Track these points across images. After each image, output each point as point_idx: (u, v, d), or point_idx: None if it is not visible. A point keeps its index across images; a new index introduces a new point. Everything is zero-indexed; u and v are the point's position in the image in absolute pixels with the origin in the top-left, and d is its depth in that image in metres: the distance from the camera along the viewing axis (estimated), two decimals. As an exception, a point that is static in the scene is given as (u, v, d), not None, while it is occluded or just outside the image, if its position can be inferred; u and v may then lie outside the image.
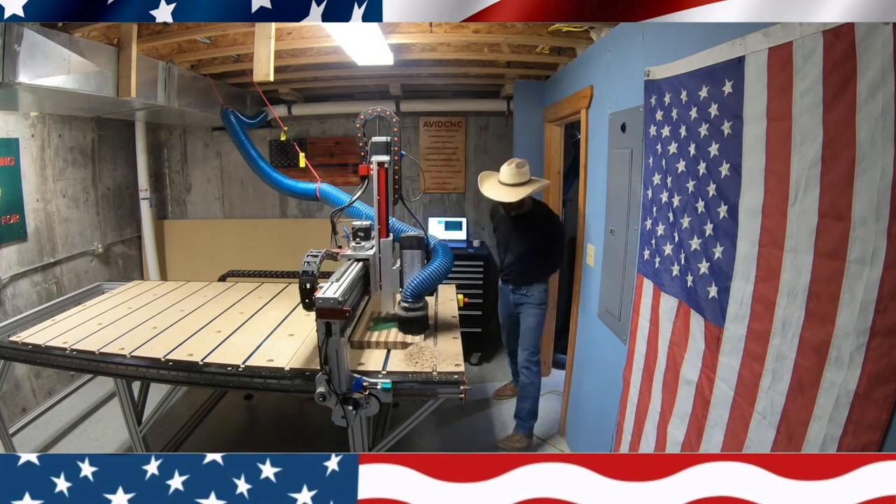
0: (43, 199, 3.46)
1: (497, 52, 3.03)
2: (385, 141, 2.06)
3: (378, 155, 2.05)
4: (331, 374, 1.71)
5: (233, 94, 3.92)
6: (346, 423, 1.76)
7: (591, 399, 2.64)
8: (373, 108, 2.16)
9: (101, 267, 4.06)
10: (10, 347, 2.25)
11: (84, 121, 3.85)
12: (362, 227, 2.12)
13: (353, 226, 2.13)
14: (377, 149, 2.06)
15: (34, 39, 2.07)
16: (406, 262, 2.20)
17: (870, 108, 0.93)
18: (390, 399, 1.80)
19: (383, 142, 2.06)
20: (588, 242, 2.73)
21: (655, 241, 1.81)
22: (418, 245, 2.19)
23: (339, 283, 1.81)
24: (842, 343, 1.01)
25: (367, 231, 2.13)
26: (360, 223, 2.13)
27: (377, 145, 2.07)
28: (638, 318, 1.97)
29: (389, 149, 2.07)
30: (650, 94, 1.83)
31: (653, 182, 1.82)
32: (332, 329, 1.67)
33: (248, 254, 4.55)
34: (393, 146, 2.09)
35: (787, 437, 1.15)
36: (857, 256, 0.97)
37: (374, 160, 2.04)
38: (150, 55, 2.90)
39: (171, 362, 2.00)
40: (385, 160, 2.04)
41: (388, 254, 2.09)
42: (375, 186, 2.05)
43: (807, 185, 1.09)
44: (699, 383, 1.52)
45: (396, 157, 2.12)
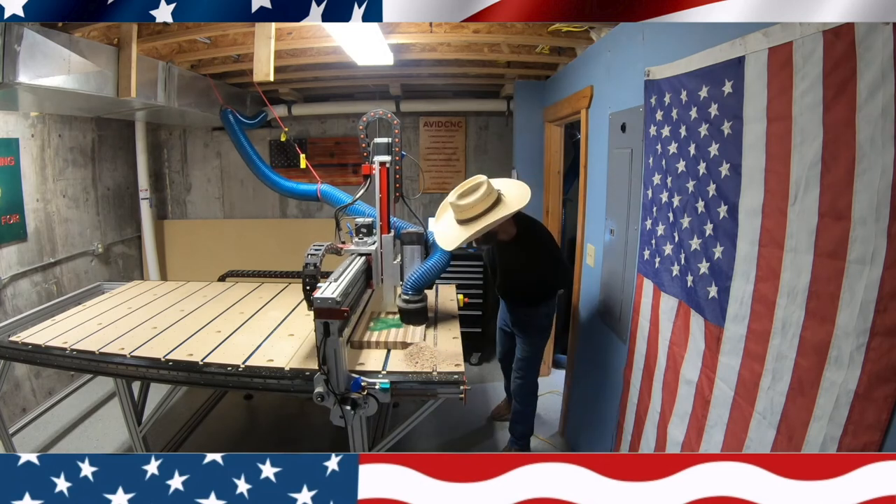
0: (43, 199, 3.46)
1: (497, 52, 3.03)
2: (387, 142, 2.14)
3: (380, 155, 2.13)
4: (329, 374, 1.72)
5: (233, 94, 3.92)
6: (345, 423, 1.77)
7: (591, 399, 2.64)
8: (375, 110, 2.24)
9: (101, 267, 4.06)
10: (10, 347, 2.24)
11: (84, 121, 3.85)
12: (365, 224, 2.21)
13: (356, 222, 2.21)
14: (379, 149, 2.14)
15: (34, 39, 2.07)
16: (406, 256, 2.29)
17: (870, 109, 0.93)
18: (388, 399, 1.81)
19: (385, 143, 2.14)
20: (588, 242, 2.73)
21: (655, 241, 1.81)
22: (418, 241, 2.28)
23: (338, 282, 1.81)
24: (842, 343, 1.01)
25: (369, 227, 2.21)
26: (364, 220, 2.22)
27: (379, 146, 2.14)
28: (638, 318, 1.97)
29: (391, 149, 2.14)
30: (650, 94, 1.83)
31: (653, 182, 1.82)
32: (331, 329, 1.68)
33: (248, 254, 4.55)
34: (394, 147, 2.16)
35: (787, 437, 1.15)
36: (857, 256, 0.97)
37: (377, 160, 2.12)
38: (150, 55, 2.90)
39: (171, 362, 2.00)
40: (387, 160, 2.13)
41: (389, 249, 2.18)
42: (377, 185, 2.13)
43: (807, 185, 1.09)
44: (699, 383, 1.52)
45: (397, 157, 2.20)
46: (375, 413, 1.84)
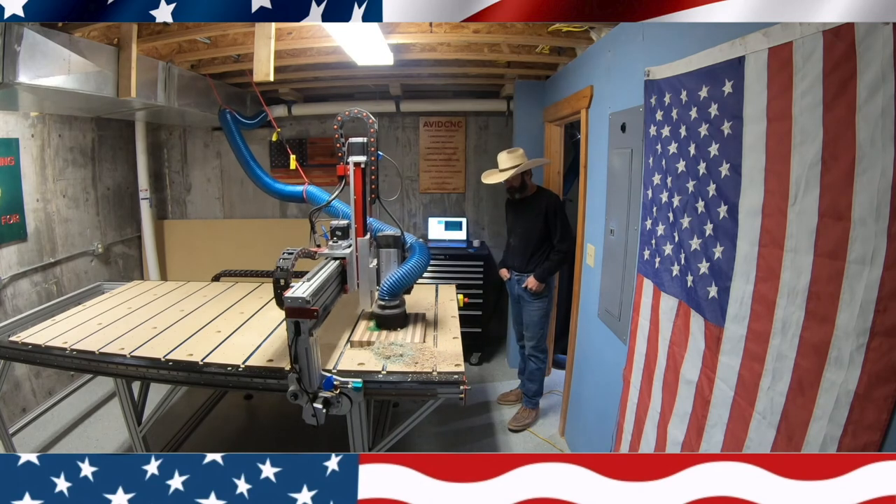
0: (43, 199, 3.46)
1: (497, 52, 3.03)
2: (362, 142, 2.08)
3: (355, 155, 2.06)
4: (301, 373, 1.72)
5: (232, 94, 3.92)
6: (317, 423, 1.76)
7: (591, 399, 2.64)
8: (350, 109, 2.17)
9: (101, 267, 4.06)
10: (10, 347, 2.24)
11: (84, 121, 3.85)
12: (340, 227, 2.15)
13: (331, 225, 2.15)
14: (354, 149, 2.08)
15: (34, 39, 2.07)
16: (383, 260, 2.25)
17: (870, 109, 0.93)
18: (361, 399, 1.81)
19: (360, 142, 2.08)
20: (588, 242, 2.73)
21: (655, 241, 1.81)
22: (395, 244, 2.24)
23: (311, 282, 1.82)
24: (842, 343, 1.01)
25: (344, 230, 2.15)
26: (338, 223, 2.16)
27: (354, 146, 2.08)
28: (638, 318, 1.97)
29: (366, 150, 2.08)
30: (650, 94, 1.83)
31: (653, 182, 1.82)
32: (301, 328, 1.68)
33: (248, 254, 4.55)
34: (370, 147, 2.10)
35: (787, 437, 1.15)
36: (857, 256, 0.97)
37: (351, 160, 2.06)
38: (150, 55, 2.90)
39: (171, 362, 2.00)
40: (362, 160, 2.06)
41: (364, 252, 2.11)
42: (352, 186, 2.07)
43: (807, 185, 1.09)
44: (699, 383, 1.52)
45: (373, 157, 2.13)
46: (375, 413, 1.84)
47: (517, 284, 3.26)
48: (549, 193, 3.23)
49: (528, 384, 3.32)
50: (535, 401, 3.32)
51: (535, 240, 3.14)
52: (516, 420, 3.27)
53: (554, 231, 3.09)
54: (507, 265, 3.36)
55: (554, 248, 3.10)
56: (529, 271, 3.17)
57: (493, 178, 3.14)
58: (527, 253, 3.19)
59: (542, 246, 3.14)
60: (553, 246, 3.10)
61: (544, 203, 3.12)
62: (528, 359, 3.31)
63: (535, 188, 3.21)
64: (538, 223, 3.11)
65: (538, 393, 3.32)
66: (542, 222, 3.10)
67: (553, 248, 3.10)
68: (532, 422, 3.27)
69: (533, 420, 3.28)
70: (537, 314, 3.22)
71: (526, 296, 3.20)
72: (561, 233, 3.07)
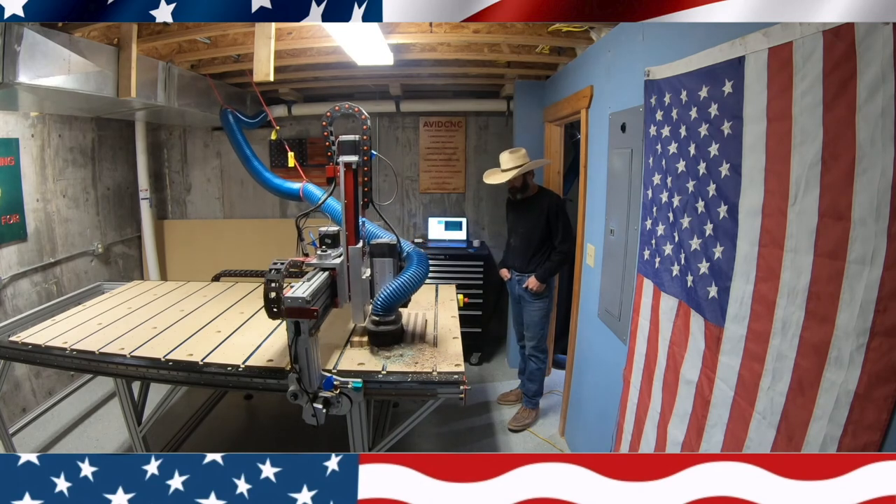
0: (43, 199, 3.46)
1: (497, 52, 3.03)
2: (353, 140, 1.88)
3: (346, 155, 1.88)
4: (301, 373, 1.71)
5: (233, 94, 3.92)
6: (317, 423, 1.76)
7: (591, 399, 2.64)
8: (340, 104, 1.99)
9: (101, 267, 4.06)
10: (10, 347, 2.25)
11: (84, 121, 3.85)
12: (329, 234, 1.94)
13: (319, 231, 1.95)
14: (345, 148, 1.89)
15: (34, 39, 2.07)
16: (377, 270, 2.06)
17: (870, 109, 0.93)
18: (361, 398, 1.80)
19: (351, 141, 1.88)
20: (588, 242, 2.73)
21: (655, 241, 1.81)
22: (390, 253, 2.04)
23: (310, 283, 1.79)
24: (842, 343, 1.01)
25: (334, 237, 1.95)
26: (327, 229, 1.95)
27: (345, 145, 1.89)
28: (638, 318, 1.97)
29: (358, 148, 1.90)
30: (650, 94, 1.83)
31: (653, 182, 1.82)
32: (301, 328, 1.67)
33: (248, 254, 4.54)
34: (362, 145, 1.91)
35: (787, 437, 1.15)
36: (857, 256, 0.97)
37: (342, 160, 1.87)
38: (150, 55, 2.90)
39: (171, 362, 2.00)
40: (353, 160, 1.88)
41: (357, 262, 1.91)
42: (342, 189, 1.89)
43: (807, 185, 1.09)
44: (699, 383, 1.52)
45: (366, 157, 1.95)
46: (375, 413, 1.84)
47: (518, 284, 3.27)
48: (550, 194, 3.23)
49: (528, 384, 3.33)
50: (535, 401, 3.33)
51: (536, 240, 3.14)
52: (516, 420, 3.27)
53: (555, 232, 3.09)
54: (507, 265, 3.37)
55: (555, 248, 3.10)
56: (530, 272, 3.17)
57: (495, 179, 3.14)
58: (528, 253, 3.19)
59: (542, 246, 3.14)
60: (554, 246, 3.10)
61: (546, 204, 3.12)
62: (528, 359, 3.31)
63: (536, 188, 3.22)
64: (540, 224, 3.11)
65: (538, 393, 3.32)
66: (544, 223, 3.10)
67: (554, 248, 3.10)
68: (532, 422, 3.27)
69: (533, 420, 3.29)
70: (538, 314, 3.22)
71: (526, 296, 3.20)
72: (562, 234, 3.07)
